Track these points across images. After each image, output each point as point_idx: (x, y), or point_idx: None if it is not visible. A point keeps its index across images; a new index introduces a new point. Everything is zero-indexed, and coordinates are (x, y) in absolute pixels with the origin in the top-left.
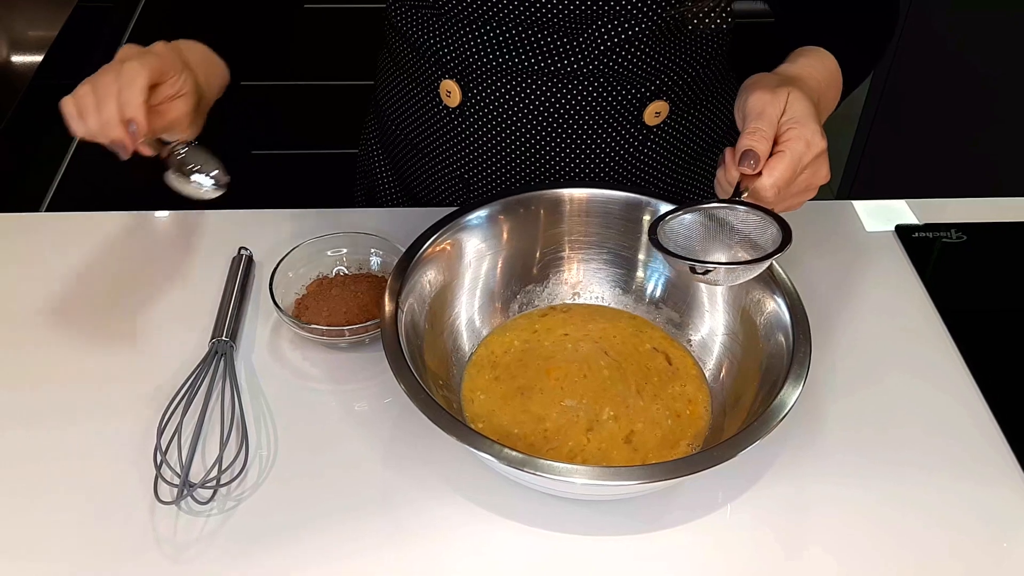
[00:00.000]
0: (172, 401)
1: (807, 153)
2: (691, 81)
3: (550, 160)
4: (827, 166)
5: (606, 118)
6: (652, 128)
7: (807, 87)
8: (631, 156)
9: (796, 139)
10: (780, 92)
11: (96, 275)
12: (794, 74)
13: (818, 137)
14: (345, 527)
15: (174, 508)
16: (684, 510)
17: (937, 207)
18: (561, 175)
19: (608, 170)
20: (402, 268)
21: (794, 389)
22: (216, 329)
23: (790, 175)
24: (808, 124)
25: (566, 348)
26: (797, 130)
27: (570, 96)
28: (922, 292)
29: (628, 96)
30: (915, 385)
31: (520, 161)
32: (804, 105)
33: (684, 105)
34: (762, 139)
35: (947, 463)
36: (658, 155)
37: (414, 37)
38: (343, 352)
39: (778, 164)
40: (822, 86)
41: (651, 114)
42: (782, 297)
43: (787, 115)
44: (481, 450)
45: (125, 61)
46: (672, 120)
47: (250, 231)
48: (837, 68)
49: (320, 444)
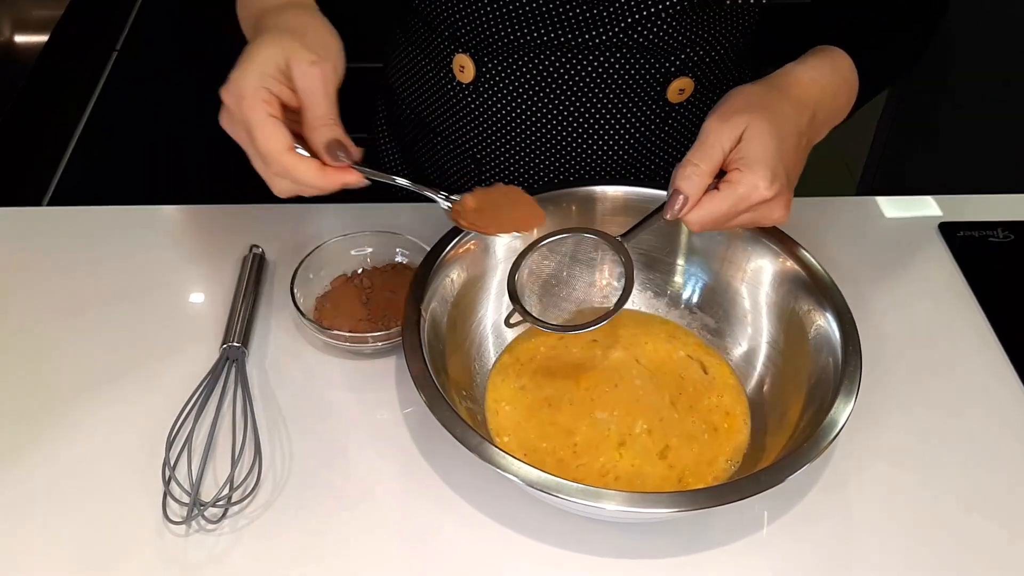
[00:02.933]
0: (181, 412)
1: (746, 199)
2: (718, 59)
3: (566, 139)
4: (781, 210)
5: (628, 94)
6: (674, 106)
7: (795, 102)
8: (651, 135)
9: (738, 182)
10: (737, 120)
11: (97, 275)
12: (789, 82)
13: (763, 185)
14: (362, 547)
15: (183, 527)
16: (724, 531)
17: (981, 204)
18: (577, 155)
19: (628, 148)
20: (424, 272)
21: (845, 406)
22: (227, 334)
23: (719, 218)
24: (757, 168)
25: (595, 355)
26: (742, 174)
27: (590, 71)
28: (969, 295)
29: (652, 72)
30: (966, 396)
31: (534, 140)
32: (761, 143)
33: (709, 83)
34: (694, 176)
35: (1009, 478)
36: (679, 134)
37: (427, 10)
38: (363, 359)
39: (709, 203)
40: (824, 95)
41: (675, 91)
42: (830, 305)
43: (738, 152)
44: (510, 472)
45: (250, 124)
46: (695, 98)
47: (261, 228)
48: (852, 73)
49: (337, 457)
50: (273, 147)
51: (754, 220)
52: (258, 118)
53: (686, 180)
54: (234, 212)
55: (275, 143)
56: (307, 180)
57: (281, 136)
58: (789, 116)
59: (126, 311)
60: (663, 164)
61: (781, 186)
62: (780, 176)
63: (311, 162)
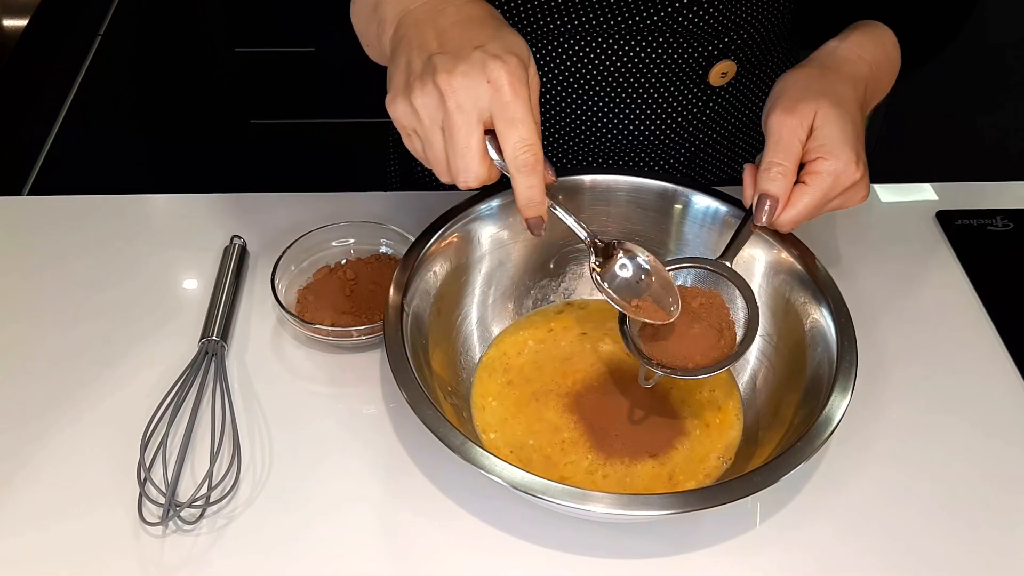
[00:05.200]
0: (157, 409)
1: (836, 187)
2: (760, 40)
3: (604, 125)
4: (865, 190)
5: (670, 78)
6: (716, 89)
7: (850, 80)
8: (692, 118)
9: (824, 173)
10: (804, 110)
11: (74, 266)
12: (838, 60)
13: (852, 167)
14: (345, 547)
15: (159, 528)
16: (715, 529)
17: (979, 191)
18: (616, 140)
19: (668, 132)
20: (407, 265)
21: (840, 401)
22: (207, 327)
23: (812, 211)
24: (840, 153)
25: (584, 348)
26: (827, 162)
27: (632, 56)
28: (967, 285)
29: (695, 56)
30: (963, 391)
31: (572, 125)
32: (836, 126)
33: (751, 65)
34: (780, 177)
35: (1007, 473)
36: (720, 117)
37: None
38: (347, 352)
39: (800, 200)
40: (872, 71)
41: (717, 74)
42: (824, 297)
43: (815, 139)
44: (493, 474)
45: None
46: (737, 81)
47: (243, 218)
48: (896, 47)
49: (320, 455)
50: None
51: (840, 205)
52: (522, 101)
53: (773, 182)
54: (216, 201)
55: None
56: (477, 182)
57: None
58: (849, 92)
59: (102, 304)
60: (702, 147)
61: (864, 165)
62: (862, 155)
63: (490, 170)
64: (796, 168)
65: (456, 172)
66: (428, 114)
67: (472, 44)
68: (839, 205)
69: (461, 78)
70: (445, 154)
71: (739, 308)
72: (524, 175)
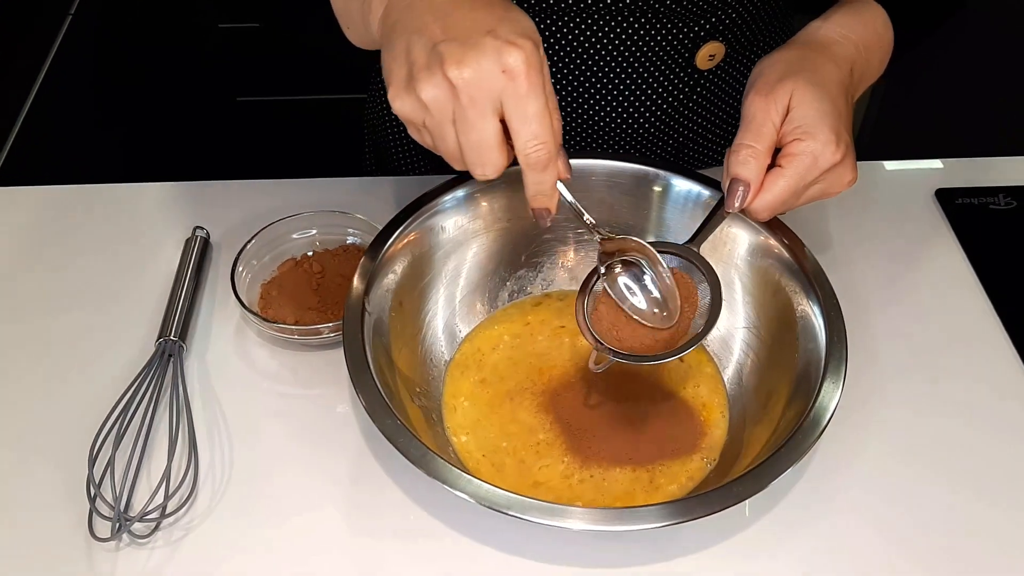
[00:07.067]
0: (108, 417)
1: (813, 168)
2: (749, 20)
3: (588, 111)
4: (851, 172)
5: (655, 61)
6: (703, 73)
7: (832, 60)
8: (680, 104)
9: (800, 154)
10: (779, 91)
11: (23, 261)
12: (822, 40)
13: (831, 147)
14: (310, 558)
15: (113, 543)
16: (701, 533)
17: (981, 167)
18: (600, 127)
19: (654, 119)
20: (372, 256)
21: (832, 397)
22: (164, 327)
23: (787, 196)
24: (818, 133)
25: (562, 344)
26: (803, 143)
27: (612, 38)
28: (967, 267)
29: (681, 37)
30: (963, 381)
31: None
32: (812, 106)
33: (740, 46)
34: (750, 159)
35: (1008, 465)
36: (708, 102)
37: None
38: (314, 350)
39: (775, 183)
40: (859, 52)
41: (704, 57)
42: (812, 287)
43: (791, 121)
44: (457, 488)
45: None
46: (726, 64)
47: (207, 207)
48: (887, 27)
49: (284, 461)
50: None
51: (824, 191)
52: (537, 93)
53: (742, 165)
54: (179, 190)
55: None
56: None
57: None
58: (831, 73)
59: (53, 303)
60: (691, 135)
61: (847, 146)
62: (843, 135)
63: (507, 158)
64: (770, 151)
65: (472, 165)
66: (439, 108)
67: (481, 29)
68: (823, 192)
69: (473, 69)
70: (459, 146)
71: (707, 294)
72: (535, 171)
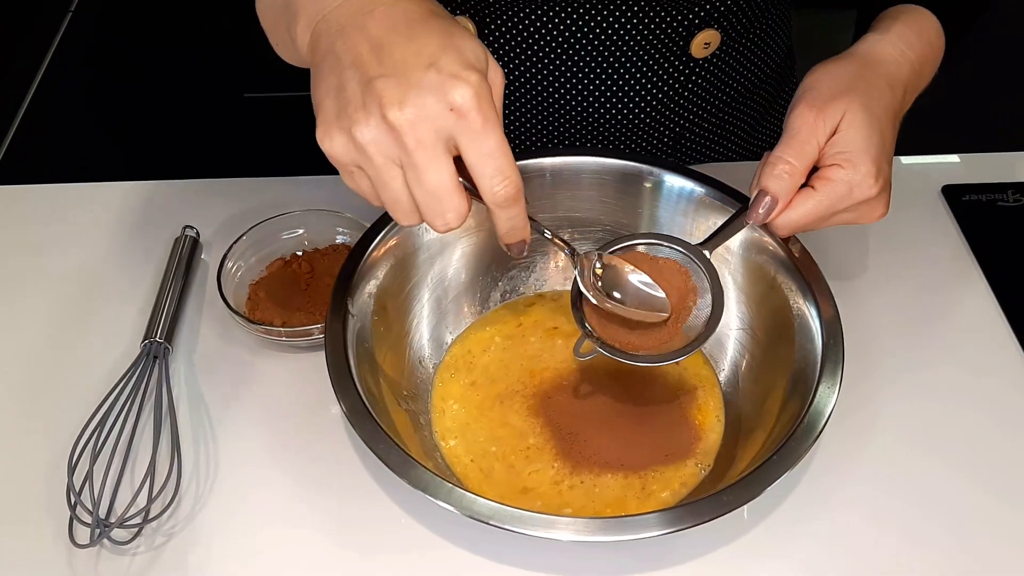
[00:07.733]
0: (89, 421)
1: (846, 199)
2: (745, 7)
3: (581, 102)
4: (883, 208)
5: (648, 50)
6: (699, 61)
7: (889, 83)
8: (675, 94)
9: (838, 181)
10: (831, 111)
11: (10, 261)
12: (880, 57)
13: (869, 180)
14: (296, 562)
15: (93, 549)
16: (699, 538)
17: (989, 163)
18: (593, 119)
19: (649, 110)
20: (357, 256)
21: (826, 405)
22: (150, 328)
23: (815, 220)
24: (860, 164)
25: (555, 345)
26: (843, 170)
27: (604, 27)
28: (974, 267)
29: (674, 24)
30: (968, 382)
31: (542, 106)
32: (861, 133)
33: (736, 35)
34: (785, 176)
35: (1012, 466)
36: (704, 91)
37: None
38: (303, 352)
39: (803, 204)
40: (914, 71)
41: (699, 45)
42: (809, 286)
43: (836, 144)
44: (438, 498)
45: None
46: (722, 52)
47: (196, 206)
48: (939, 35)
49: (270, 465)
50: (447, 181)
51: (851, 220)
52: (492, 126)
53: (776, 180)
54: (171, 188)
55: (448, 176)
56: (459, 221)
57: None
58: (884, 98)
59: (36, 303)
60: (688, 126)
61: (885, 180)
62: (884, 169)
63: (468, 201)
64: (807, 169)
65: (432, 215)
66: (379, 151)
67: (421, 63)
68: (850, 220)
69: (417, 108)
70: (408, 194)
71: (708, 304)
72: (505, 208)
